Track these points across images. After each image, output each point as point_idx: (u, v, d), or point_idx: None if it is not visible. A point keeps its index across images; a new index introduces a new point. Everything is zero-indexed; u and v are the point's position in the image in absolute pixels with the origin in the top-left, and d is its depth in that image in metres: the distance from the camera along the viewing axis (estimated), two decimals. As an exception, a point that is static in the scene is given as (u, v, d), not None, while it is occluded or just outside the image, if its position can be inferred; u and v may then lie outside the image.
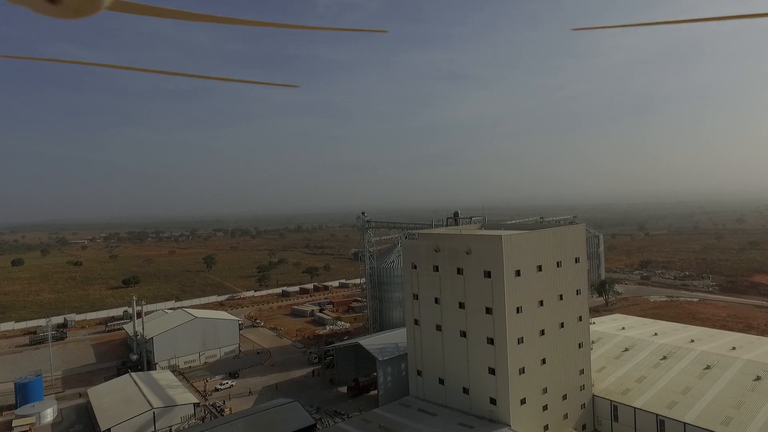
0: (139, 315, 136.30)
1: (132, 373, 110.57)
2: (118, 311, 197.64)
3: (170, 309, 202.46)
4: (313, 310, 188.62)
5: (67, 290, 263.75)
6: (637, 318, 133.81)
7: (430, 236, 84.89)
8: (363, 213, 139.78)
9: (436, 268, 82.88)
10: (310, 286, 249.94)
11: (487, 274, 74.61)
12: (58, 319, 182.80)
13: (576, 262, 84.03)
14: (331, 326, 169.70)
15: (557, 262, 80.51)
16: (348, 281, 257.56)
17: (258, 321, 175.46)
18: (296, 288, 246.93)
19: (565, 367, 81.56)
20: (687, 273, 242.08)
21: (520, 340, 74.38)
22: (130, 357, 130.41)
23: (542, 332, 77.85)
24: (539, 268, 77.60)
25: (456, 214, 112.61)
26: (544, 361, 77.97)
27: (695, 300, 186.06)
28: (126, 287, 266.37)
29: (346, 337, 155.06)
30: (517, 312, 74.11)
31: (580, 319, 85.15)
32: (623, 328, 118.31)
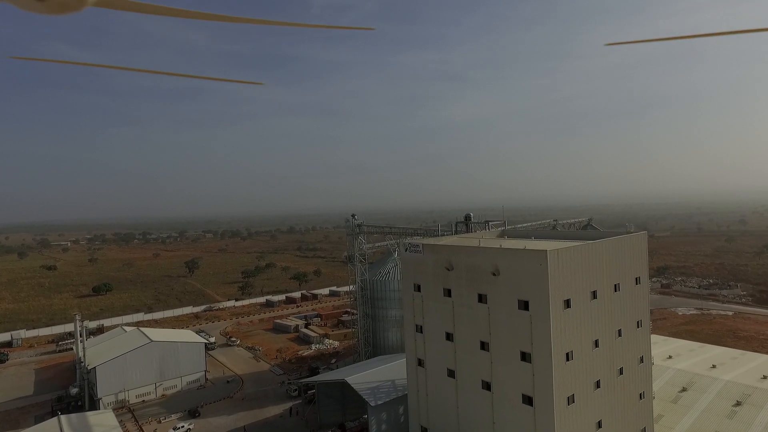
0: (91, 334, 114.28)
1: (62, 416, 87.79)
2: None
3: (134, 325, 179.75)
4: (297, 325, 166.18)
5: (29, 299, 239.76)
6: (682, 342, 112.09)
7: (440, 249, 62.77)
8: (353, 215, 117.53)
9: (449, 293, 60.85)
10: (297, 294, 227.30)
11: (524, 305, 52.60)
12: (4, 336, 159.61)
13: (636, 283, 62.19)
14: (317, 345, 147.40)
15: (615, 285, 58.67)
16: (339, 288, 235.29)
17: (233, 339, 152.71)
18: (282, 297, 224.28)
19: (624, 427, 59.64)
20: (711, 281, 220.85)
21: (571, 399, 52.37)
22: (69, 390, 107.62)
23: (597, 384, 55.89)
24: (593, 294, 55.70)
25: (467, 217, 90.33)
26: (600, 425, 56.01)
27: (730, 313, 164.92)
28: (96, 295, 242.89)
29: (333, 360, 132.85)
30: (567, 359, 52.12)
31: (642, 360, 63.30)
32: (670, 357, 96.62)
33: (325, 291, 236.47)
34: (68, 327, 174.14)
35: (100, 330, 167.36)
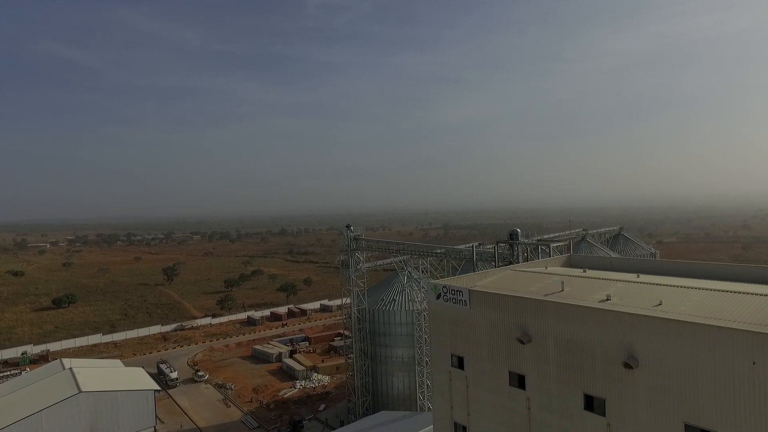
0: (32, 363, 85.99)
1: None
2: (17, 351, 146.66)
3: (88, 350, 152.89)
4: (280, 353, 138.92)
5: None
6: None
7: (503, 302, 35.84)
8: (348, 226, 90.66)
9: (521, 382, 34.16)
10: (283, 309, 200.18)
11: (700, 438, 25.87)
12: None
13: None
14: (303, 382, 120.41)
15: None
16: (330, 302, 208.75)
17: (201, 373, 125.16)
18: (266, 312, 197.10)
19: None
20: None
21: None
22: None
23: None
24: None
25: (513, 235, 63.29)
26: None
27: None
28: (55, 309, 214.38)
29: (322, 407, 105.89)
30: None
31: None
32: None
33: (316, 305, 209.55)
34: (6, 353, 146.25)
35: (44, 358, 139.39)
